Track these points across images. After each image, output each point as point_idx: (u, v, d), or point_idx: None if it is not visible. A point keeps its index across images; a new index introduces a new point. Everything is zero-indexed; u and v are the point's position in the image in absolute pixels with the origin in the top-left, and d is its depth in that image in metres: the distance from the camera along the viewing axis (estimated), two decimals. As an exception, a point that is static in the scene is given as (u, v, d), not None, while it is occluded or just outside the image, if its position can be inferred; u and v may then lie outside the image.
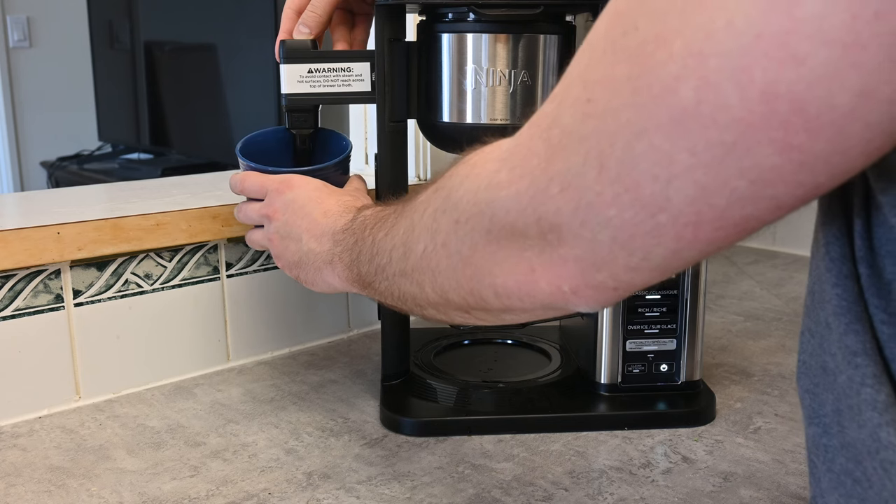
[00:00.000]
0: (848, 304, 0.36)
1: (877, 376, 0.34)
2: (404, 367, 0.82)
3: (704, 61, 0.31)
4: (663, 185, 0.33)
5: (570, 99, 0.37)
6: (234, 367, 0.90)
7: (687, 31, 0.31)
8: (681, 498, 0.64)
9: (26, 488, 0.66)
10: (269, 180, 0.72)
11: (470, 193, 0.43)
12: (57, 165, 3.07)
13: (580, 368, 0.82)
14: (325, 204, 0.68)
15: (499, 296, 0.44)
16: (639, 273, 0.38)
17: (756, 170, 0.31)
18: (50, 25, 3.41)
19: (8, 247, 0.74)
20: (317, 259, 0.66)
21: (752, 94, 0.30)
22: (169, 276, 0.85)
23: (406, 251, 0.50)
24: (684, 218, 0.34)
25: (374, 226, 0.57)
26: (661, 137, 0.33)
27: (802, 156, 0.30)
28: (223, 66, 2.44)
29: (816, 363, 0.39)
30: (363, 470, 0.68)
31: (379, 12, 0.72)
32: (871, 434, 0.35)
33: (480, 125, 0.73)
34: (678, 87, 0.32)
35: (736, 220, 0.34)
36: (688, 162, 0.32)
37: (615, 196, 0.35)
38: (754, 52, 0.29)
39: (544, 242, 0.39)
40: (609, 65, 0.34)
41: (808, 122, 0.30)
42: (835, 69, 0.28)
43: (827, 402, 0.38)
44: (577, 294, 0.40)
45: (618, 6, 0.35)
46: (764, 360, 0.93)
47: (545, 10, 0.70)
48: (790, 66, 0.29)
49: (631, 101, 0.33)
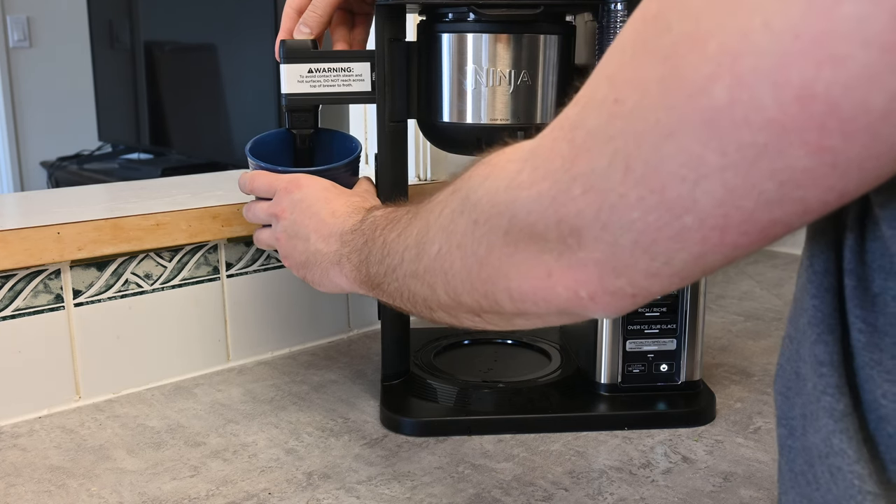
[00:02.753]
0: (822, 316, 0.36)
1: (839, 387, 0.35)
2: (404, 367, 0.82)
3: (739, 61, 0.30)
4: (691, 187, 0.33)
5: (596, 100, 0.37)
6: (234, 367, 0.90)
7: (722, 32, 0.31)
8: (681, 498, 0.64)
9: (26, 488, 0.66)
10: (278, 180, 0.72)
11: (490, 194, 0.43)
12: (57, 165, 3.07)
13: (580, 368, 0.82)
14: (334, 204, 0.68)
15: (513, 300, 0.44)
16: (658, 279, 0.37)
17: (787, 172, 0.31)
18: (50, 25, 3.41)
19: (8, 247, 0.74)
20: (324, 259, 0.66)
21: (788, 95, 0.30)
22: (169, 276, 0.85)
23: (419, 252, 0.50)
24: (711, 220, 0.34)
25: (386, 227, 0.57)
26: (691, 138, 0.32)
27: (835, 158, 0.30)
28: (223, 66, 2.44)
29: (791, 368, 0.39)
30: (363, 470, 0.68)
31: (379, 12, 0.72)
32: (824, 439, 0.35)
33: (480, 125, 0.73)
34: (711, 88, 0.31)
35: (763, 224, 0.33)
36: (718, 163, 0.32)
37: (640, 198, 0.35)
38: (792, 53, 0.29)
39: (564, 246, 0.39)
40: (640, 66, 0.34)
41: (843, 124, 0.29)
42: (873, 71, 0.28)
43: (796, 405, 0.39)
44: (595, 300, 0.40)
45: (649, 8, 0.35)
46: (764, 360, 0.93)
47: (545, 10, 0.70)
48: (828, 68, 0.29)
49: (661, 102, 0.33)
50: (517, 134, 0.72)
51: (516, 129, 0.72)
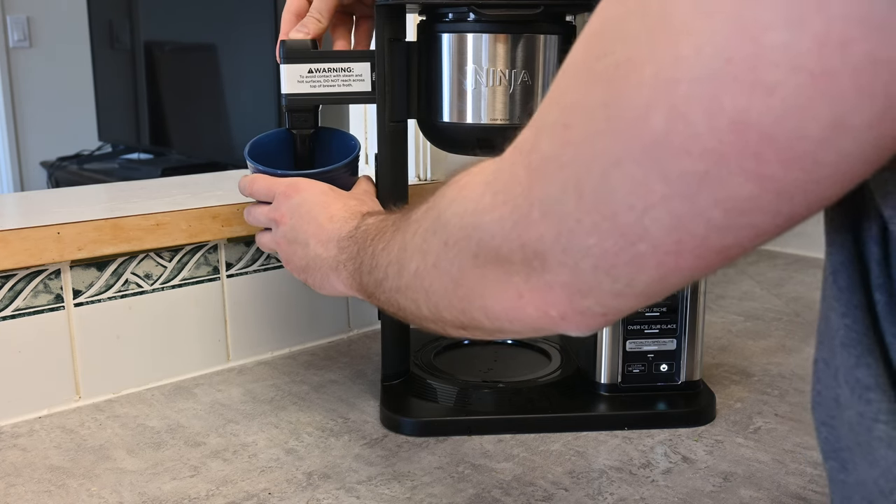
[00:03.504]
0: (857, 336, 0.34)
1: (892, 412, 0.33)
2: (404, 367, 0.82)
3: (674, 88, 0.30)
4: (639, 215, 0.33)
5: (548, 124, 0.37)
6: (234, 367, 0.90)
7: (657, 57, 0.30)
8: (681, 498, 0.64)
9: (26, 488, 0.66)
10: (277, 184, 0.72)
11: (457, 217, 0.43)
12: (57, 165, 3.07)
13: (580, 368, 0.82)
14: (331, 209, 0.68)
15: (489, 318, 0.44)
16: (625, 299, 0.37)
17: (731, 200, 0.31)
18: (50, 25, 3.41)
19: (8, 247, 0.74)
20: (323, 264, 0.66)
21: (722, 123, 0.29)
22: (169, 276, 0.85)
23: (400, 269, 0.50)
24: (664, 247, 0.34)
25: (375, 237, 0.57)
26: (635, 166, 0.32)
27: (777, 185, 0.30)
28: (223, 66, 2.44)
29: (830, 395, 0.37)
30: (363, 470, 0.68)
31: (379, 12, 0.72)
32: (883, 473, 0.33)
33: (480, 125, 0.73)
34: (649, 115, 0.31)
35: (717, 249, 0.33)
36: (662, 191, 0.32)
37: (594, 224, 0.35)
38: (723, 78, 0.28)
39: (529, 269, 0.39)
40: (585, 89, 0.34)
41: (780, 152, 0.29)
42: (805, 98, 0.27)
43: (843, 435, 0.37)
44: (566, 319, 0.40)
45: (593, 29, 0.34)
46: (764, 360, 0.93)
47: (545, 10, 0.70)
48: (759, 95, 0.28)
49: (606, 128, 0.33)
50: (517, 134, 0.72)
51: (516, 129, 0.72)
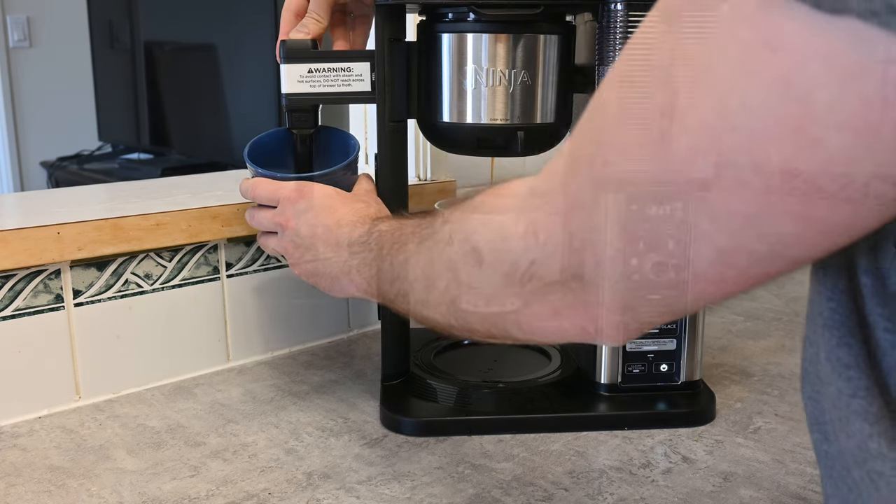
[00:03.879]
0: (841, 318, 0.36)
1: (869, 388, 0.35)
2: (404, 367, 0.82)
3: (719, 137, 0.31)
4: (683, 248, 0.34)
5: (585, 157, 0.38)
6: (234, 367, 0.90)
7: (699, 107, 0.32)
8: (681, 498, 0.64)
9: (26, 488, 0.66)
10: (281, 188, 0.72)
11: (489, 241, 0.44)
12: (57, 165, 3.07)
13: (580, 368, 0.82)
14: (339, 213, 0.68)
15: (523, 331, 0.45)
16: (661, 316, 0.39)
17: (776, 236, 0.32)
18: (50, 25, 3.41)
19: (8, 247, 0.74)
20: (333, 268, 0.67)
21: (770, 171, 0.31)
22: (169, 276, 0.85)
23: (428, 284, 0.51)
24: (706, 276, 0.35)
25: (392, 247, 0.57)
26: (679, 205, 0.34)
27: (822, 225, 0.31)
28: (223, 66, 2.44)
29: (814, 371, 0.40)
30: (363, 470, 0.68)
31: (379, 12, 0.72)
32: (859, 444, 0.35)
33: (480, 125, 0.73)
34: (695, 160, 0.32)
35: (757, 276, 0.35)
36: (707, 228, 0.33)
37: (636, 253, 0.36)
38: (770, 133, 0.30)
39: (567, 289, 0.40)
40: (623, 129, 0.35)
41: (826, 197, 0.30)
42: (850, 152, 0.29)
43: (826, 409, 0.39)
44: (601, 334, 0.41)
45: (627, 70, 0.35)
46: (764, 360, 0.93)
47: (545, 10, 0.70)
48: (805, 149, 0.29)
49: (647, 169, 0.34)
50: (517, 134, 0.72)
51: (516, 129, 0.73)
